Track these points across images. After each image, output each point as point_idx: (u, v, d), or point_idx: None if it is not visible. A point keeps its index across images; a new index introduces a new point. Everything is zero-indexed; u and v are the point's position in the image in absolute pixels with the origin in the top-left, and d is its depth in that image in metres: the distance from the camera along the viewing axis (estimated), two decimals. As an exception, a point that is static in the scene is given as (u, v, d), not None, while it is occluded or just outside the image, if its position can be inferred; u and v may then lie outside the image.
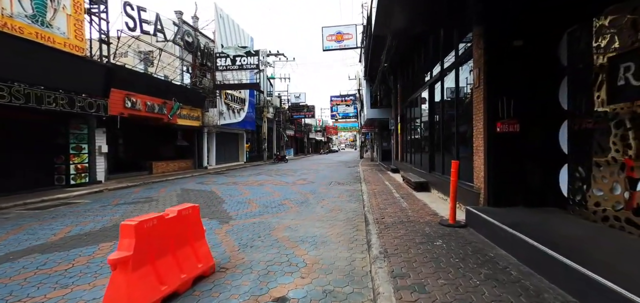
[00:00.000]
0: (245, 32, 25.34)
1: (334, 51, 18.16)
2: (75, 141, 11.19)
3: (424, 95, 9.72)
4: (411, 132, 12.27)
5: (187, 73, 20.07)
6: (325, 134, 73.62)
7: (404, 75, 13.66)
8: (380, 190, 9.20)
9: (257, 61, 19.54)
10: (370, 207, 6.64)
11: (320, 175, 15.35)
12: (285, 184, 11.96)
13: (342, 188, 10.51)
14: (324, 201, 8.14)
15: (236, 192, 10.09)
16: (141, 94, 14.43)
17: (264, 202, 8.13)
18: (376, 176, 13.47)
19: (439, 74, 7.81)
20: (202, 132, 20.47)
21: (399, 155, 14.96)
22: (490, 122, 4.88)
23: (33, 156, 10.50)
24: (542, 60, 4.65)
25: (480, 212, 4.60)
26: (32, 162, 10.45)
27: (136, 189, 11.29)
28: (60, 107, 9.74)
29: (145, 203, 8.28)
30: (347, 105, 38.40)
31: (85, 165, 11.51)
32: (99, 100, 11.27)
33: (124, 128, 17.27)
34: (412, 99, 11.57)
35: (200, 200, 8.50)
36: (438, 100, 8.23)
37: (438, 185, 7.79)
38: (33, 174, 10.38)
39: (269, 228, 5.50)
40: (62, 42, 9.78)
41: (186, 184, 12.46)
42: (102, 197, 9.55)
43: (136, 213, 6.92)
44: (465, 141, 6.28)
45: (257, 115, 29.77)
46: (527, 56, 4.70)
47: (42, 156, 10.74)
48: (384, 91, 20.77)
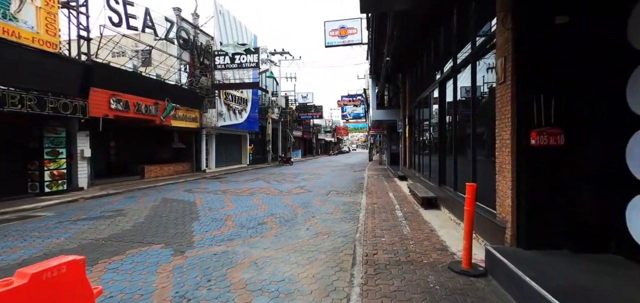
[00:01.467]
0: (248, 30, 24.35)
1: (337, 47, 16.91)
2: (51, 145, 10.32)
3: (435, 94, 8.36)
4: (420, 136, 10.89)
5: (185, 72, 19.18)
6: (336, 134, 72.28)
7: (412, 73, 12.28)
8: (381, 205, 7.89)
9: (257, 59, 18.46)
10: (364, 233, 5.36)
11: (320, 182, 14.11)
12: (278, 194, 10.78)
13: (339, 201, 9.25)
14: (312, 219, 6.91)
15: (219, 203, 8.97)
16: (130, 94, 13.53)
17: (243, 219, 6.96)
18: (381, 184, 12.13)
19: (451, 70, 6.45)
20: (200, 134, 19.55)
21: (407, 161, 13.56)
22: (521, 131, 3.54)
23: (3, 162, 9.67)
24: (600, 42, 3.29)
25: (507, 256, 3.28)
26: (3, 169, 9.62)
27: (115, 198, 10.33)
28: (28, 109, 8.86)
29: (110, 218, 7.25)
30: (355, 105, 36.94)
31: (62, 171, 10.64)
32: (75, 101, 10.37)
33: (116, 131, 16.50)
34: (420, 99, 10.19)
35: (172, 215, 7.40)
36: (450, 100, 6.88)
37: (449, 203, 6.43)
38: (3, 182, 9.54)
39: (229, 264, 4.31)
40: (29, 37, 8.89)
41: (171, 192, 11.45)
42: (70, 208, 8.59)
43: (88, 234, 5.87)
44: (484, 154, 4.93)
45: (261, 116, 28.77)
46: (577, 38, 3.34)
47: (14, 162, 9.91)
48: (393, 91, 19.36)
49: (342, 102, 38.39)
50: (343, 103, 38.20)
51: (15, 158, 9.90)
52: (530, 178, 3.47)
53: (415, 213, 6.93)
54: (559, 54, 3.44)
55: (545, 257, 3.36)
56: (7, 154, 9.74)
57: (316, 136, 54.01)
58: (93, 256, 4.67)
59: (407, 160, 13.76)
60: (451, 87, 6.67)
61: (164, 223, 6.69)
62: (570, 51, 3.39)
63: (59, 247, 5.11)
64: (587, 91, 3.38)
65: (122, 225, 6.52)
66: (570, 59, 3.38)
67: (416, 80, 11.40)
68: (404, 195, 9.42)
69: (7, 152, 9.74)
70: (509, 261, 3.22)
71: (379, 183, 12.52)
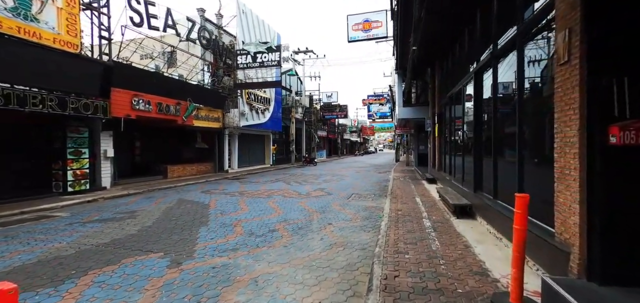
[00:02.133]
0: (272, 28, 24.10)
1: (362, 44, 16.11)
2: (74, 145, 10.43)
3: (468, 88, 7.39)
4: (451, 135, 9.87)
5: (208, 72, 19.22)
6: (361, 134, 71.02)
7: (442, 66, 11.24)
8: (407, 212, 7.06)
9: (279, 57, 18.06)
10: (385, 246, 4.61)
11: (342, 184, 13.39)
12: (296, 196, 10.21)
13: (360, 205, 8.50)
14: (328, 227, 6.23)
15: (233, 206, 8.54)
16: (152, 94, 13.57)
17: (253, 225, 6.43)
18: (407, 188, 11.20)
19: (490, 57, 5.52)
20: (223, 134, 19.50)
21: (436, 162, 12.50)
22: (593, 126, 2.66)
23: (30, 162, 9.89)
24: None
25: (575, 293, 2.43)
26: (29, 168, 9.84)
27: (134, 198, 10.26)
28: (49, 109, 8.93)
29: (120, 220, 7.02)
30: (381, 104, 35.68)
31: (85, 171, 10.75)
32: (96, 101, 10.42)
33: (141, 131, 16.77)
34: (452, 94, 9.19)
35: (182, 219, 7.04)
36: (488, 94, 5.93)
37: (487, 213, 5.50)
38: (30, 181, 9.75)
39: (226, 282, 3.75)
40: (51, 37, 8.96)
41: (189, 193, 11.24)
42: (87, 208, 8.54)
43: (91, 238, 5.59)
44: (535, 156, 4.02)
45: (284, 116, 28.49)
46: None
47: (40, 162, 10.11)
48: (421, 87, 18.21)
49: (367, 101, 37.28)
50: (368, 102, 37.08)
51: (40, 158, 10.09)
52: (608, 189, 2.58)
53: (445, 223, 6.04)
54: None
55: (629, 298, 2.47)
56: (33, 154, 9.96)
57: (341, 136, 53.18)
58: (86, 265, 4.31)
59: (436, 162, 12.70)
60: (490, 77, 5.72)
61: (170, 227, 6.31)
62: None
63: (56, 253, 4.82)
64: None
65: (129, 229, 6.21)
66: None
67: (447, 74, 10.38)
68: (432, 201, 8.49)
69: (33, 151, 9.95)
70: (577, 301, 2.37)
71: (405, 187, 11.59)
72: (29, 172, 9.83)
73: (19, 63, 8.28)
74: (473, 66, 6.65)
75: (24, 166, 9.75)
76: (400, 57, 13.09)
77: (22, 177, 9.58)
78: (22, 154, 9.71)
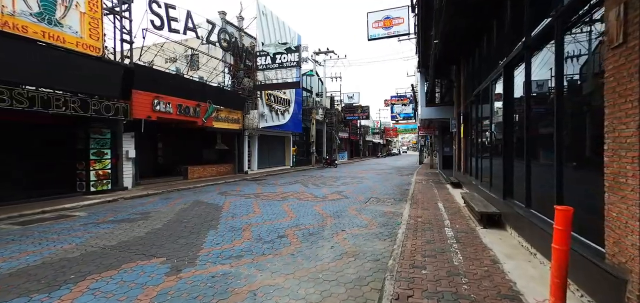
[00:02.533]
0: (292, 29, 24.01)
1: (383, 43, 15.55)
2: (97, 146, 10.71)
3: (497, 85, 6.74)
4: (477, 136, 9.15)
5: (229, 74, 19.38)
6: (384, 136, 69.71)
7: (468, 63, 10.52)
8: (428, 219, 6.52)
9: (298, 58, 17.87)
10: (400, 259, 4.16)
11: (361, 187, 12.91)
12: (311, 199, 9.88)
13: (377, 211, 8.02)
14: (341, 234, 5.84)
15: (246, 209, 8.35)
16: (172, 96, 13.80)
17: (263, 230, 6.16)
18: (430, 192, 10.55)
19: (522, 48, 4.92)
20: (243, 135, 19.58)
21: (461, 165, 11.74)
22: (658, 123, 2.11)
23: (56, 162, 10.24)
24: None
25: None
26: (55, 168, 10.19)
27: (152, 199, 10.36)
28: (71, 111, 9.17)
29: (132, 221, 7.00)
30: (404, 104, 34.62)
31: (107, 172, 11.01)
32: (118, 103, 10.64)
33: (164, 132, 17.16)
34: (478, 92, 8.51)
35: (192, 221, 6.90)
36: (520, 89, 5.31)
37: (518, 223, 4.89)
38: (55, 181, 10.09)
39: (223, 294, 3.48)
40: (74, 41, 9.21)
41: (206, 194, 11.22)
42: (105, 208, 8.66)
43: (99, 240, 5.55)
44: (580, 160, 3.44)
45: (305, 117, 28.33)
46: None
47: (66, 162, 10.45)
48: (446, 86, 17.35)
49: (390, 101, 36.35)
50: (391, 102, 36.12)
51: (66, 159, 10.43)
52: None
53: (470, 233, 5.47)
54: None
55: None
56: (58, 155, 10.30)
57: (363, 138, 52.38)
58: (87, 269, 4.20)
59: (461, 164, 11.93)
60: (522, 71, 5.11)
61: (179, 231, 6.17)
62: None
63: (62, 255, 4.77)
64: None
65: (138, 231, 6.14)
66: None
67: (473, 71, 9.67)
68: (456, 207, 7.86)
69: (58, 152, 10.30)
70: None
71: (427, 191, 10.95)
72: (55, 172, 10.17)
73: (44, 66, 8.55)
74: (502, 61, 6.02)
75: (50, 166, 10.10)
76: (422, 55, 12.44)
77: (48, 176, 9.93)
78: (48, 155, 10.07)
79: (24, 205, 8.41)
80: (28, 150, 9.63)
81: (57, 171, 10.25)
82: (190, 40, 17.22)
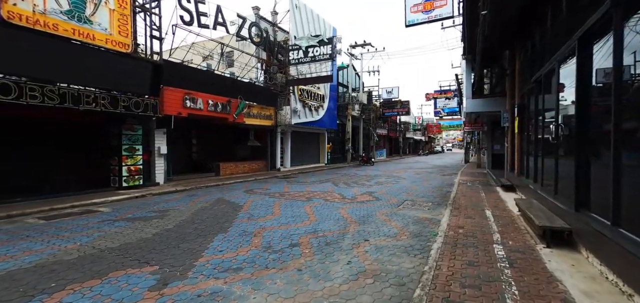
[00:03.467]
0: (327, 22, 23.23)
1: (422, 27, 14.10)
2: (129, 142, 10.89)
3: (566, 66, 5.34)
4: (536, 131, 7.62)
5: (261, 70, 19.16)
6: (426, 133, 66.27)
7: (525, 45, 8.91)
8: (471, 230, 5.37)
9: (331, 50, 17.04)
10: (430, 288, 3.20)
11: (396, 188, 11.78)
12: (339, 200, 9.05)
13: (411, 217, 6.96)
14: (363, 245, 4.95)
15: (266, 209, 7.77)
16: (203, 93, 13.77)
17: (275, 236, 5.48)
18: (476, 196, 9.16)
19: (610, 6, 3.62)
20: (275, 132, 19.28)
21: (516, 165, 10.09)
22: None
23: (90, 158, 10.57)
24: None
25: None
26: (89, 164, 10.52)
27: (178, 195, 10.28)
28: (101, 107, 9.30)
29: (147, 220, 6.74)
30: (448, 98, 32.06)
31: (138, 167, 11.16)
32: (147, 100, 10.69)
33: (198, 129, 17.39)
34: (539, 77, 7.02)
35: (205, 222, 6.45)
36: (605, 66, 3.98)
37: (600, 246, 3.63)
38: (90, 176, 10.41)
39: (201, 322, 2.82)
40: (103, 38, 9.32)
41: (231, 192, 10.91)
42: (130, 204, 8.64)
43: (103, 241, 5.27)
44: None
45: (340, 113, 27.43)
46: None
47: (100, 158, 10.75)
48: (497, 76, 15.40)
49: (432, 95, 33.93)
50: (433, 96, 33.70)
51: (100, 154, 10.73)
52: None
53: (529, 253, 4.26)
54: None
55: None
56: (93, 150, 10.62)
57: (403, 135, 50.06)
58: (72, 277, 3.82)
59: (515, 164, 10.27)
60: (605, 42, 3.80)
61: (187, 233, 5.72)
62: None
63: (59, 257, 4.49)
64: None
65: (146, 232, 5.80)
66: None
67: (532, 53, 8.11)
68: (509, 217, 6.52)
69: (93, 148, 10.61)
70: None
71: (472, 194, 9.54)
72: (91, 168, 10.50)
73: (74, 64, 8.72)
74: (577, 32, 4.65)
75: (87, 162, 10.45)
76: (468, 38, 10.92)
77: (83, 172, 10.27)
78: (84, 151, 10.41)
79: (59, 200, 8.68)
80: (65, 146, 10.01)
81: (93, 167, 10.58)
82: (225, 37, 17.27)
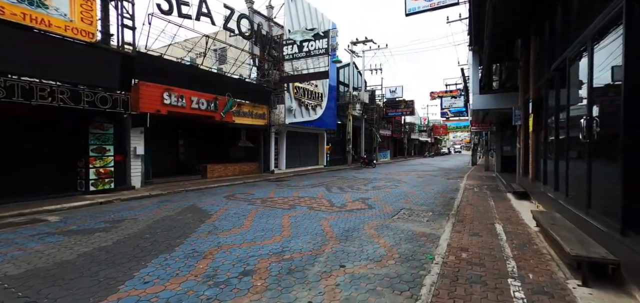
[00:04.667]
0: (325, 17, 22.11)
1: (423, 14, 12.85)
2: (97, 142, 9.89)
3: (602, 44, 4.12)
4: (558, 129, 6.37)
5: (254, 66, 18.12)
6: (433, 134, 64.66)
7: (541, 29, 7.66)
8: (478, 255, 4.17)
9: (326, 44, 15.91)
10: None
11: (394, 193, 10.57)
12: (325, 209, 7.90)
13: (405, 231, 5.76)
14: (335, 274, 3.79)
15: (235, 221, 6.65)
16: (186, 89, 12.75)
17: (228, 260, 4.35)
18: (483, 204, 7.92)
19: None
20: (269, 132, 18.19)
21: (531, 169, 8.81)
22: None
23: (55, 159, 9.57)
24: None
25: None
26: (54, 166, 9.52)
27: (148, 201, 9.23)
28: (59, 103, 8.29)
29: (95, 232, 5.68)
30: (453, 96, 30.61)
31: (109, 170, 10.14)
32: (117, 95, 9.68)
33: (184, 128, 16.38)
34: (562, 64, 5.79)
35: (150, 240, 5.35)
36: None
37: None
38: (55, 179, 9.41)
39: None
40: (62, 25, 8.34)
41: (210, 198, 9.82)
42: (86, 212, 7.59)
43: (21, 262, 4.20)
44: None
45: (341, 112, 26.25)
46: None
47: (66, 158, 9.75)
48: (507, 71, 14.09)
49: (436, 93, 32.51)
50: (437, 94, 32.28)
51: (66, 155, 9.72)
52: None
53: (559, 296, 3.05)
54: None
55: None
56: (61, 151, 9.61)
57: (408, 136, 48.60)
58: None
59: (529, 168, 8.99)
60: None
61: (123, 252, 4.63)
62: None
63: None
64: None
65: (75, 250, 4.72)
66: None
67: (551, 38, 6.88)
68: (525, 235, 5.29)
69: (61, 148, 9.60)
70: None
71: (479, 202, 8.30)
72: (56, 170, 9.51)
73: (26, 53, 7.75)
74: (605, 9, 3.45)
75: (51, 164, 9.44)
76: (475, 26, 9.69)
77: (47, 175, 9.27)
78: (49, 151, 9.40)
79: (11, 206, 7.67)
80: (27, 146, 9.02)
81: (60, 169, 9.59)
82: (220, 32, 16.29)
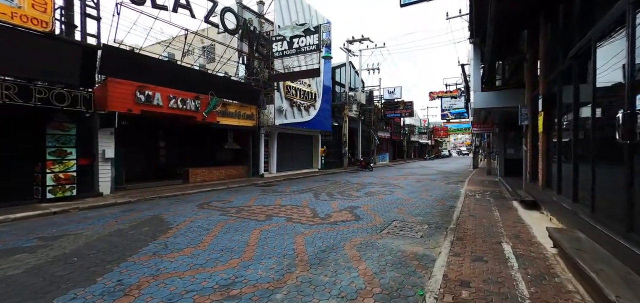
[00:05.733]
0: (319, 14, 21.18)
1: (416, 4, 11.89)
2: (56, 144, 8.89)
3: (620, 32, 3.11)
4: (577, 128, 5.35)
5: (243, 64, 17.13)
6: (433, 136, 63.63)
7: (554, 18, 6.65)
8: (484, 295, 3.14)
9: (317, 40, 14.93)
10: None
11: (388, 200, 9.54)
12: (306, 221, 6.87)
13: (393, 252, 4.73)
14: (287, 327, 2.77)
15: (193, 238, 5.63)
16: (163, 87, 11.77)
17: (157, 297, 3.33)
18: (488, 216, 6.88)
19: None
20: (258, 133, 17.19)
21: (540, 174, 7.77)
22: None
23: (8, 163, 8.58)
24: None
25: None
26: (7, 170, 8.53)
27: (111, 210, 8.23)
28: (4, 100, 7.31)
29: (13, 254, 4.67)
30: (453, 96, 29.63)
31: (71, 175, 9.14)
32: (77, 92, 8.69)
33: (166, 130, 15.37)
34: (580, 50, 4.78)
35: (72, 267, 4.34)
36: None
37: None
38: (8, 185, 8.42)
39: None
40: (8, 12, 7.37)
41: (181, 206, 8.81)
42: (27, 225, 6.58)
43: None
44: None
45: (336, 114, 25.25)
46: None
47: (21, 163, 8.76)
48: (510, 69, 13.08)
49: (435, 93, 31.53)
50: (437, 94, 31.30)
51: (21, 159, 8.73)
52: None
53: None
54: None
55: None
56: (12, 153, 8.63)
57: (408, 138, 47.57)
58: None
59: (539, 173, 7.95)
60: None
61: (26, 286, 3.62)
62: None
63: None
64: None
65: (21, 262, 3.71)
66: None
67: (567, 23, 5.87)
68: (541, 259, 4.26)
69: (12, 150, 8.63)
70: None
71: (482, 212, 7.26)
72: (7, 176, 8.51)
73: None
74: None
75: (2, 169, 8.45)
76: (476, 16, 8.70)
77: None
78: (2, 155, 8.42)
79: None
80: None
81: (13, 174, 8.59)
82: (210, 30, 15.37)
